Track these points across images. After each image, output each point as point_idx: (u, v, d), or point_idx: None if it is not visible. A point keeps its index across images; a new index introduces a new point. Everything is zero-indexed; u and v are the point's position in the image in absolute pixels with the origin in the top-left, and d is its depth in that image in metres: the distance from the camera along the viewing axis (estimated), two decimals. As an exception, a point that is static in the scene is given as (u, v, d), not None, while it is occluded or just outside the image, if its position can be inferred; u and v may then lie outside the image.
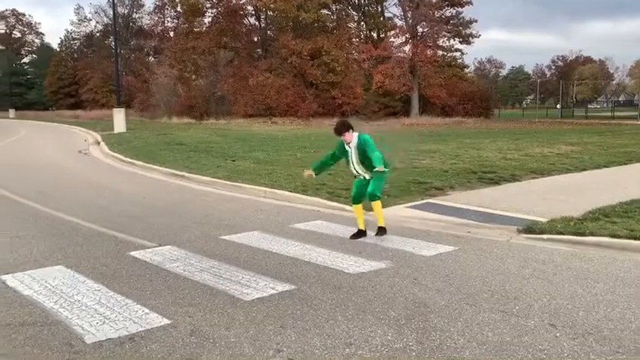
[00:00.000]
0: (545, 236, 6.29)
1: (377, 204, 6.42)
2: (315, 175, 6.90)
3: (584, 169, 12.03)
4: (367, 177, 6.45)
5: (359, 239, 6.37)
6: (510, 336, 3.68)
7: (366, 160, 6.34)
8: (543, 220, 6.85)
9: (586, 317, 3.99)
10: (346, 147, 6.48)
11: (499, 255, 5.67)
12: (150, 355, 3.45)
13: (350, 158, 6.47)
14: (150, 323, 3.92)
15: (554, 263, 5.36)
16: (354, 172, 6.54)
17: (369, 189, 6.40)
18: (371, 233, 6.46)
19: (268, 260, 5.54)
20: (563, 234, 6.26)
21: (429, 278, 4.91)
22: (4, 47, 76.44)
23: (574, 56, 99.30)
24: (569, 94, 60.25)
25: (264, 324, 3.91)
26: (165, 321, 3.96)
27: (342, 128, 6.45)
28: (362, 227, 6.53)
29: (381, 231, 6.44)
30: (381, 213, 6.51)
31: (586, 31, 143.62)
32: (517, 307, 4.19)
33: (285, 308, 4.21)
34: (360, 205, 6.55)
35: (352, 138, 6.41)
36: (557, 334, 3.70)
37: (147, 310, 4.16)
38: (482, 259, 5.51)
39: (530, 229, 6.54)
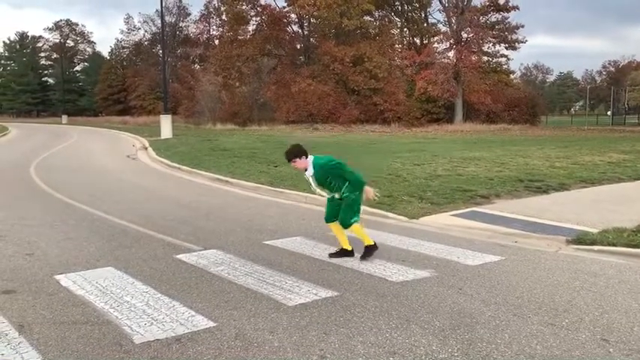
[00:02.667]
0: (595, 247, 6.08)
1: (355, 228, 5.62)
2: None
3: (638, 179, 11.57)
4: (337, 196, 5.65)
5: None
6: (560, 350, 3.57)
7: (326, 183, 5.57)
8: (594, 230, 6.63)
9: (641, 333, 3.83)
10: (304, 174, 5.70)
11: (547, 266, 5.52)
12: (196, 357, 3.51)
13: (310, 186, 5.76)
14: (196, 325, 4.00)
15: (606, 276, 5.18)
16: (322, 194, 5.84)
17: (340, 217, 5.57)
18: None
19: (311, 266, 5.57)
20: (615, 245, 6.04)
21: (474, 288, 4.83)
22: (58, 56, 79.80)
23: (626, 61, 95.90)
24: (621, 101, 58.03)
25: (307, 329, 3.92)
26: (211, 324, 4.03)
27: (292, 155, 5.50)
28: (346, 246, 5.76)
29: (370, 249, 5.66)
30: (363, 233, 5.68)
31: (639, 34, 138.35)
32: (567, 320, 4.07)
33: (328, 315, 4.21)
34: (335, 223, 5.74)
35: (307, 166, 5.53)
36: (610, 350, 3.57)
37: (193, 313, 4.24)
38: (529, 270, 5.37)
39: (580, 239, 6.32)
